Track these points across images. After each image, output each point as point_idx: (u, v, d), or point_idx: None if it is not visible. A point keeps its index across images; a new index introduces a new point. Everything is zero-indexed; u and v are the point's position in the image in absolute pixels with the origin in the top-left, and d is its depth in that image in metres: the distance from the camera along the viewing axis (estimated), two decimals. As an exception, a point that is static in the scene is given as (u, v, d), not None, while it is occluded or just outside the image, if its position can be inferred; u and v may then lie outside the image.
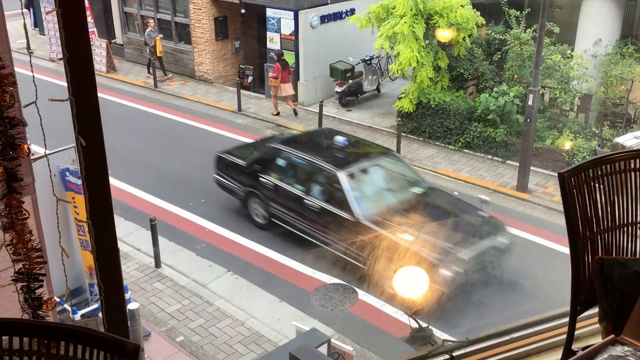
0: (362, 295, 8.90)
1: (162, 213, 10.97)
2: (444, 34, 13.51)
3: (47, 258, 4.51)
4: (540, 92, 12.51)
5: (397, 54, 13.52)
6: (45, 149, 2.33)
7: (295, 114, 15.53)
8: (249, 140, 13.33)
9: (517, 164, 12.19)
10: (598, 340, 1.89)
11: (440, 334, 6.67)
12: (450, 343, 2.97)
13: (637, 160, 2.15)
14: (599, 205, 2.12)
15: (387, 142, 13.99)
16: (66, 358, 1.51)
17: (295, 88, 16.13)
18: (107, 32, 20.26)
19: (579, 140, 12.29)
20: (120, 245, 9.64)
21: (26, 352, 1.53)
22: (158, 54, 17.84)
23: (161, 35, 18.13)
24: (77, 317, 7.30)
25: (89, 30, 1.85)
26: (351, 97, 15.94)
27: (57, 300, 6.58)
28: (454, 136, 13.57)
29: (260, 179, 10.45)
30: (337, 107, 15.84)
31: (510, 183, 12.22)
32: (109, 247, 1.94)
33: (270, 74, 15.39)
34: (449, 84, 14.23)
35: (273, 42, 16.22)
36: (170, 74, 18.33)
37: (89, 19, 18.46)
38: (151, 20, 18.19)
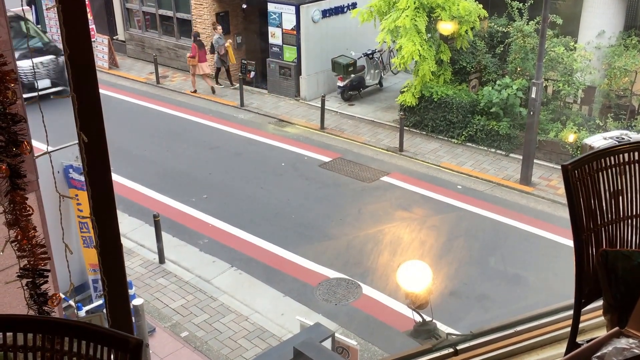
0: (366, 290, 8.91)
1: (165, 209, 10.99)
2: (446, 27, 13.46)
3: (52, 254, 4.52)
4: (544, 84, 12.46)
5: (399, 47, 13.48)
6: (48, 146, 2.33)
7: (213, 92, 16.69)
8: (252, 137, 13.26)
9: (521, 157, 12.16)
10: (603, 333, 1.88)
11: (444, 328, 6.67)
12: (454, 337, 2.97)
13: (641, 152, 2.13)
14: (603, 198, 2.11)
15: (390, 136, 13.98)
16: (70, 353, 1.52)
17: (297, 83, 16.12)
18: (109, 28, 20.25)
19: (583, 133, 12.25)
20: (124, 241, 9.64)
21: (30, 347, 1.53)
22: (232, 62, 16.80)
23: (230, 41, 16.79)
24: (82, 313, 7.32)
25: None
26: (353, 91, 15.91)
27: (62, 296, 6.60)
28: (456, 130, 13.54)
29: None
30: (340, 102, 15.82)
31: (513, 176, 12.19)
32: (112, 243, 1.94)
33: (188, 54, 16.72)
34: (451, 77, 14.18)
35: (275, 37, 16.19)
36: (237, 85, 16.53)
37: (89, 16, 18.42)
38: (219, 27, 16.70)
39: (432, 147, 13.49)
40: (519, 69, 13.51)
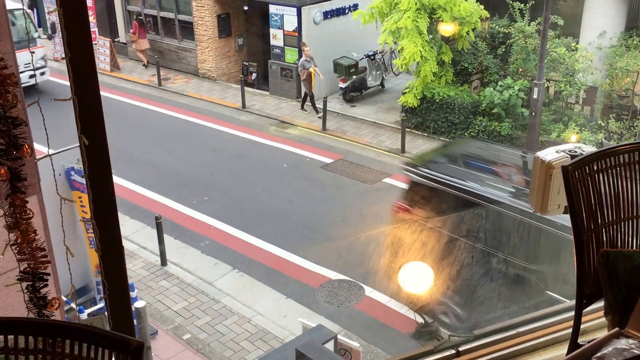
0: (368, 291, 8.90)
1: (166, 211, 11.00)
2: (448, 28, 13.46)
3: (55, 257, 4.53)
4: (545, 85, 12.45)
5: (401, 49, 13.48)
6: (49, 148, 2.34)
7: (145, 66, 18.62)
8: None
9: (523, 158, 12.15)
10: (605, 333, 1.88)
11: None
12: (456, 338, 2.96)
13: (642, 152, 2.13)
14: (604, 198, 2.11)
15: (392, 137, 13.98)
16: (71, 356, 1.52)
17: (299, 84, 16.13)
18: (111, 30, 20.28)
19: (585, 133, 12.24)
20: (126, 243, 9.67)
21: (31, 350, 1.53)
22: (312, 89, 14.99)
23: (315, 67, 14.95)
24: (84, 315, 7.33)
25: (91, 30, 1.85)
26: (355, 92, 15.91)
27: (64, 299, 6.60)
28: (458, 131, 13.53)
29: None
30: (341, 103, 15.82)
31: (515, 177, 12.18)
32: (114, 245, 1.94)
33: (130, 31, 18.66)
34: (453, 78, 14.18)
35: (276, 38, 16.20)
36: (320, 114, 14.66)
37: (92, 19, 18.49)
38: (307, 48, 14.91)
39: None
40: (520, 69, 13.50)
